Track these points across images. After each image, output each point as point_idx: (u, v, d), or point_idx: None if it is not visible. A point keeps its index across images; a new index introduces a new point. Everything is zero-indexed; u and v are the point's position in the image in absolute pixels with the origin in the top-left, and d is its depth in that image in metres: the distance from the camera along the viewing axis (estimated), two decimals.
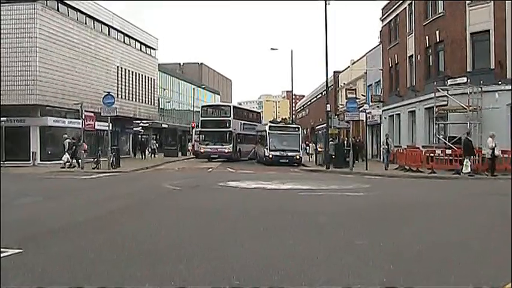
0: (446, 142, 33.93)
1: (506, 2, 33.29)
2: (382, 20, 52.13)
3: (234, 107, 54.90)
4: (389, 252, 8.56)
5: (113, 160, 36.11)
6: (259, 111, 57.45)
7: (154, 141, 63.86)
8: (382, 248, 8.87)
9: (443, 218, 12.84)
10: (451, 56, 36.49)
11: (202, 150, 51.02)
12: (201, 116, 52.36)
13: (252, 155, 53.69)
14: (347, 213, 13.59)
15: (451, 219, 12.64)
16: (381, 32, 53.35)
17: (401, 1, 45.89)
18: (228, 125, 50.20)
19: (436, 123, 36.29)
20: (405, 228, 11.05)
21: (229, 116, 50.71)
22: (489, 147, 29.67)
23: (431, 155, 33.03)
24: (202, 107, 55.29)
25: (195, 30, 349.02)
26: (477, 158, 31.11)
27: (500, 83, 33.48)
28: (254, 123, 57.19)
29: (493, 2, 33.94)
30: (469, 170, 29.61)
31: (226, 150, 49.72)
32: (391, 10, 48.83)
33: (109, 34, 54.28)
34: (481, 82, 33.63)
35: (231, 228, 11.01)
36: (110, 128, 37.24)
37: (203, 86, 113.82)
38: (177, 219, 12.29)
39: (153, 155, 59.35)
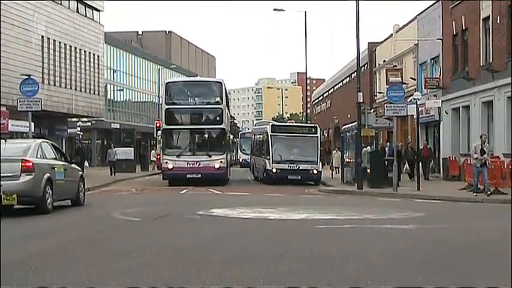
0: None
1: None
2: None
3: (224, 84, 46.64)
4: None
5: None
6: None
7: (115, 150, 60.38)
8: None
9: None
10: None
11: (169, 166, 42.98)
12: (166, 103, 44.99)
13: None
14: (391, 258, 13.31)
15: None
16: None
17: None
18: (218, 117, 44.24)
19: None
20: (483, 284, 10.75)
21: (220, 101, 44.83)
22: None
23: None
24: (168, 84, 47.57)
25: None
26: None
27: None
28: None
29: None
30: None
31: (216, 166, 43.11)
32: None
33: None
34: None
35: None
36: (32, 129, 36.91)
37: (173, 66, 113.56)
38: (128, 269, 11.99)
39: (112, 170, 56.57)
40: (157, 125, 74.15)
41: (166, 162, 43.41)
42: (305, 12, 65.38)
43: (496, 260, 13.00)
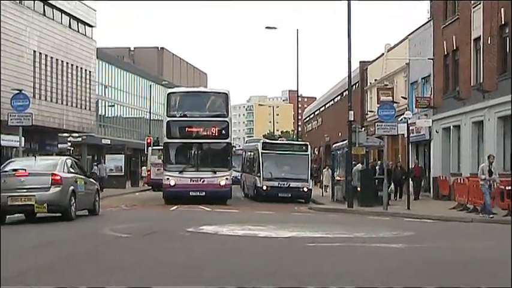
0: None
1: None
2: None
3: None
4: None
5: None
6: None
7: (105, 165, 60.13)
8: None
9: None
10: None
11: (171, 183, 40.56)
12: (168, 115, 42.29)
13: None
14: (384, 276, 13.27)
15: None
16: (431, 2, 53.40)
17: None
18: (223, 130, 41.57)
19: None
20: None
21: (226, 114, 42.12)
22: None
23: (508, 187, 32.83)
24: (170, 94, 44.46)
25: (154, 1, 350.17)
26: None
27: None
28: None
29: None
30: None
31: (221, 183, 40.53)
32: None
33: (21, 1, 54.09)
34: None
35: None
36: (23, 143, 36.81)
37: (164, 82, 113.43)
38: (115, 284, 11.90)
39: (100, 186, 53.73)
40: (148, 141, 74.18)
41: (168, 179, 40.56)
42: (297, 30, 65.57)
43: (489, 278, 12.96)
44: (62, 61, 61.15)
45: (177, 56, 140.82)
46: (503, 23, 38.96)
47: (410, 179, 42.93)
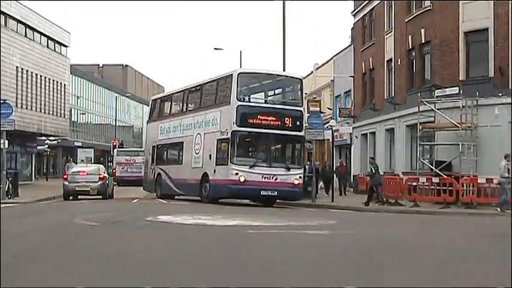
0: (433, 168, 34.12)
1: None
2: (355, 15, 52.55)
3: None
4: None
5: (8, 187, 35.34)
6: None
7: (73, 164, 58.22)
8: None
9: (432, 267, 12.58)
10: (440, 60, 36.85)
11: (241, 179, 30.87)
12: (238, 98, 31.75)
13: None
14: (311, 255, 13.28)
15: (441, 266, 12.39)
16: (352, 29, 53.74)
17: None
18: (298, 122, 32.57)
19: (420, 145, 36.44)
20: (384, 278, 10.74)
21: (301, 103, 33.42)
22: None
23: (414, 184, 33.10)
24: (240, 75, 32.28)
25: (120, 24, 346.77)
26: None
27: (501, 95, 33.83)
28: None
29: None
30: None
31: (295, 182, 31.94)
32: (366, 2, 49.17)
33: (6, 24, 53.40)
34: (477, 94, 33.94)
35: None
36: (6, 146, 36.53)
37: (128, 94, 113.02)
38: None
39: None
40: (114, 143, 73.78)
41: (237, 174, 30.61)
42: (240, 51, 65.19)
43: (397, 258, 13.04)
44: (41, 76, 60.53)
45: (139, 72, 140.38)
46: (410, 47, 39.42)
47: (335, 176, 43.17)
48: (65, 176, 38.38)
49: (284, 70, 38.87)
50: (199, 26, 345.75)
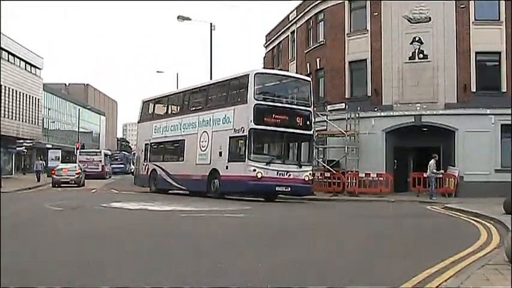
0: (325, 165, 34.57)
1: (382, 33, 34.49)
2: (266, 47, 52.86)
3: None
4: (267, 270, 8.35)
5: None
6: None
7: (42, 162, 56.76)
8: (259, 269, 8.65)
9: (318, 238, 12.87)
10: (331, 83, 37.41)
11: (258, 175, 26.09)
12: (256, 97, 26.72)
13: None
14: (232, 232, 13.43)
15: (324, 239, 12.68)
16: (264, 58, 54.02)
17: (284, 29, 46.69)
18: (308, 121, 27.96)
19: (316, 147, 36.85)
20: (283, 249, 10.92)
21: (310, 104, 28.45)
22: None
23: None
24: (257, 75, 27.45)
25: (82, 50, 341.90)
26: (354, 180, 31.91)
27: (376, 109, 34.63)
28: None
29: (369, 33, 35.11)
30: None
31: (306, 178, 27.21)
32: (275, 37, 49.61)
33: None
34: (358, 108, 34.60)
35: (110, 252, 10.47)
36: None
37: (88, 107, 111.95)
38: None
39: (39, 177, 49.17)
40: (77, 146, 72.73)
41: (254, 170, 25.88)
42: (177, 74, 64.07)
43: (286, 233, 13.25)
44: (19, 92, 59.34)
45: (98, 90, 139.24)
46: (308, 72, 39.74)
47: None
48: (53, 172, 43.21)
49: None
50: (145, 51, 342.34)
